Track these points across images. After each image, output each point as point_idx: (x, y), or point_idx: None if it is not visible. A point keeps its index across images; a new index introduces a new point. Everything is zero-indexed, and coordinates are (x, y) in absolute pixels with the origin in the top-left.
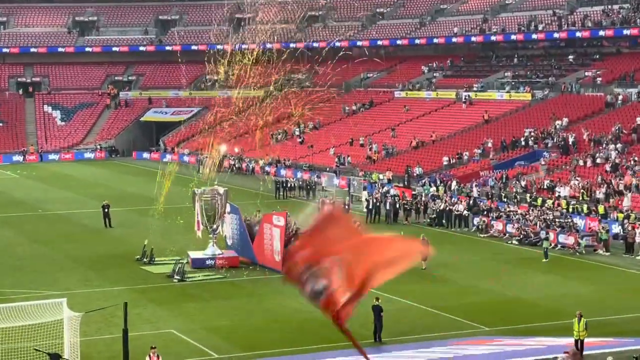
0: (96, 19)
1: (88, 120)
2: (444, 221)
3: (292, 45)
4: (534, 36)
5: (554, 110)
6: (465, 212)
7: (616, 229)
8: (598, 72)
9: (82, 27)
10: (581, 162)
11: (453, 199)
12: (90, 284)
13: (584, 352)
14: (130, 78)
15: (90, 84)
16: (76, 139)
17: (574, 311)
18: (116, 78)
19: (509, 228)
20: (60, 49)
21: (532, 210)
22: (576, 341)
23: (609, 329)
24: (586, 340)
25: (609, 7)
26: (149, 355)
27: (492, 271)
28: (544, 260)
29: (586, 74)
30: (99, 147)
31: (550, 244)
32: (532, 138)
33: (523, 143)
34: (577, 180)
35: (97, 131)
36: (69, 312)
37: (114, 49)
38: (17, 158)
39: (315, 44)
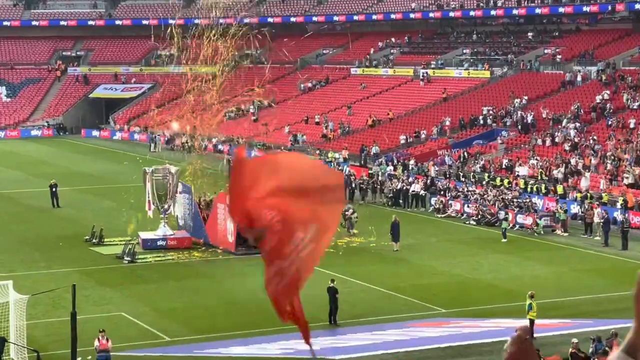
0: None
1: (35, 96)
2: (400, 201)
3: (246, 20)
4: (493, 12)
5: (512, 89)
6: (423, 192)
7: (575, 209)
8: (557, 50)
9: (28, 0)
10: (540, 142)
11: (410, 178)
12: (37, 266)
13: (535, 335)
14: (79, 53)
15: (37, 59)
16: (22, 115)
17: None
18: (64, 53)
19: (467, 208)
20: (5, 23)
21: (490, 190)
22: (531, 321)
23: (566, 310)
24: (542, 322)
25: None
26: (98, 339)
27: (449, 252)
28: (503, 240)
29: (545, 51)
30: (46, 124)
31: (509, 225)
32: (491, 116)
33: (481, 121)
34: (535, 159)
35: (45, 108)
36: (15, 295)
37: (62, 23)
38: None
39: (270, 19)
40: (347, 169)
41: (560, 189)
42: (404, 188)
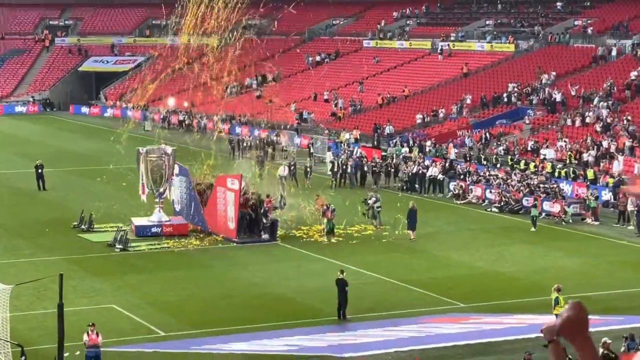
0: None
1: (19, 69)
2: (416, 186)
3: None
4: None
5: (539, 64)
6: (441, 176)
7: (606, 195)
8: (589, 21)
9: None
10: (569, 122)
11: (427, 161)
12: (21, 253)
13: None
14: (67, 22)
15: (21, 28)
16: (6, 90)
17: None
18: (51, 22)
19: (489, 194)
20: None
21: (515, 174)
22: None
23: (595, 305)
24: None
25: None
26: (87, 333)
27: (469, 242)
28: (532, 229)
29: (576, 23)
30: (31, 99)
31: (539, 212)
32: (516, 94)
33: (505, 99)
34: (564, 141)
35: (30, 82)
36: None
37: None
38: None
39: None
40: (359, 150)
41: (590, 173)
42: (421, 172)
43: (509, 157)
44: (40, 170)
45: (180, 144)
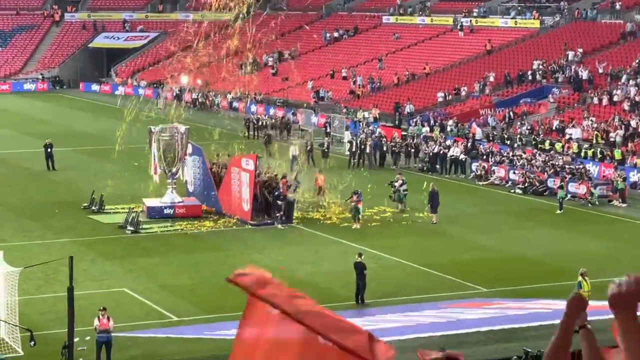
0: None
1: (28, 46)
2: (437, 166)
3: None
4: None
5: (565, 40)
6: (463, 157)
7: (634, 176)
8: None
9: None
10: (596, 100)
11: (448, 141)
12: (31, 235)
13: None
14: None
15: (29, 3)
16: (14, 67)
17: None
18: None
19: (512, 175)
20: None
21: (539, 154)
22: None
23: None
24: (594, 303)
25: None
26: (98, 318)
27: (492, 224)
28: (558, 212)
29: None
30: (40, 77)
31: (565, 194)
32: (540, 72)
33: (530, 77)
34: (590, 120)
35: (39, 59)
36: (6, 267)
37: None
38: None
39: None
40: (378, 130)
41: (618, 154)
42: (442, 152)
43: (533, 136)
44: (49, 150)
45: (193, 123)
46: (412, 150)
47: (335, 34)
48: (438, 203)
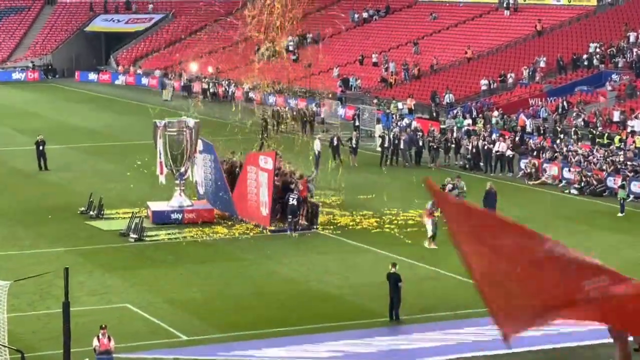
0: None
1: (17, 30)
2: (481, 164)
3: None
4: None
5: (626, 20)
6: (510, 153)
7: None
8: None
9: None
10: None
11: (493, 135)
12: (21, 244)
13: None
14: None
15: None
16: (2, 54)
17: None
18: None
19: (567, 173)
20: None
21: (597, 150)
22: None
23: None
24: None
25: None
26: (98, 337)
27: (544, 229)
28: (619, 214)
29: None
30: (31, 65)
31: (627, 194)
32: (598, 56)
33: (586, 62)
34: None
35: (29, 44)
36: None
37: None
38: None
39: None
40: (413, 123)
41: None
42: (486, 147)
43: (590, 129)
44: (41, 147)
45: (204, 116)
46: (453, 145)
47: (365, 15)
48: (495, 205)
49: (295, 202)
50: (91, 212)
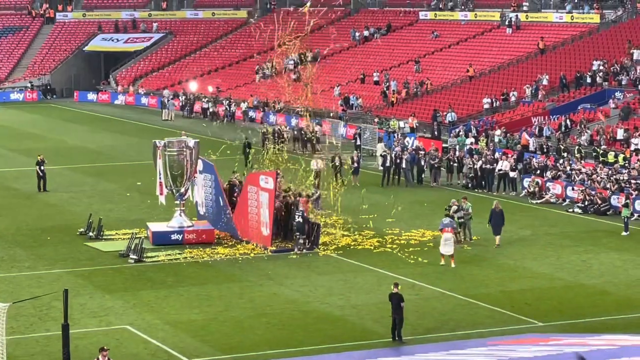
0: None
1: (15, 50)
2: (484, 183)
3: None
4: None
5: (629, 37)
6: (513, 174)
7: None
8: None
9: None
10: None
11: (496, 154)
12: (20, 266)
13: None
14: None
15: (17, 1)
16: (0, 75)
17: None
18: None
19: (570, 192)
20: None
21: (601, 168)
22: None
23: None
24: None
25: None
26: (98, 359)
27: (548, 248)
28: (624, 233)
29: None
30: (29, 85)
31: (631, 213)
32: (601, 73)
33: (589, 80)
34: None
35: (27, 65)
36: None
37: None
38: None
39: None
40: (415, 142)
41: None
42: (488, 166)
43: (594, 147)
44: (41, 167)
45: (203, 136)
46: (455, 164)
47: (366, 33)
48: (502, 223)
49: (301, 220)
50: (90, 233)
